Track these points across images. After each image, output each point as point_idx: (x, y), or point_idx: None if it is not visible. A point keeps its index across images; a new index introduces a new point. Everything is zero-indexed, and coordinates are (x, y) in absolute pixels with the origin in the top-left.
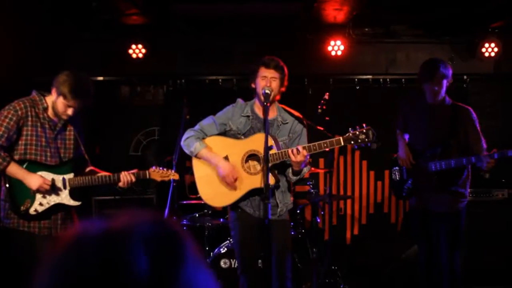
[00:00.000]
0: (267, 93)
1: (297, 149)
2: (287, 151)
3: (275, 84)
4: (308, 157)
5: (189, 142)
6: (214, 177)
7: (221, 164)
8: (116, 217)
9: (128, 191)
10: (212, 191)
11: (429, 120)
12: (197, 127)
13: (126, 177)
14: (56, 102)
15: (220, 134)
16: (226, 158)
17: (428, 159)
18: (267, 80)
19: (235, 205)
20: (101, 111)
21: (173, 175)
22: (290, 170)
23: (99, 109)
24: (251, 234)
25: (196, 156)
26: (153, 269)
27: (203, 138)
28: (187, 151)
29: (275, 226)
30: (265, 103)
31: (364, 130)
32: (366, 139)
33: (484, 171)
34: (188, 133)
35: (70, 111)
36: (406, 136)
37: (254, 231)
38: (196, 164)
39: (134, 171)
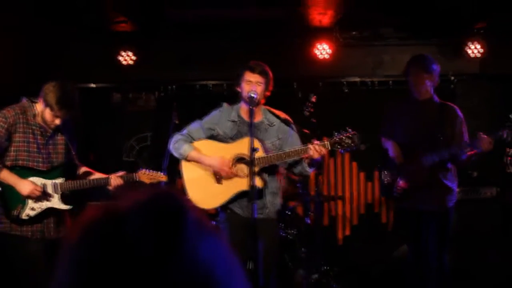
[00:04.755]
0: (252, 97)
1: (318, 145)
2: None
3: (260, 89)
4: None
5: (178, 145)
6: (203, 179)
7: (212, 161)
8: (117, 198)
9: None
10: (201, 193)
11: (418, 117)
12: (184, 131)
13: (115, 180)
14: (44, 112)
15: (207, 138)
16: None
17: (419, 154)
18: (252, 85)
19: (224, 207)
20: (94, 118)
21: (161, 177)
22: (303, 165)
23: (91, 116)
24: (241, 235)
25: (186, 159)
26: (157, 244)
27: (191, 142)
28: (176, 154)
29: (262, 225)
30: (250, 107)
31: (350, 135)
32: (352, 144)
33: (475, 154)
34: (176, 137)
35: (57, 121)
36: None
37: (243, 231)
38: (185, 167)
39: (122, 173)
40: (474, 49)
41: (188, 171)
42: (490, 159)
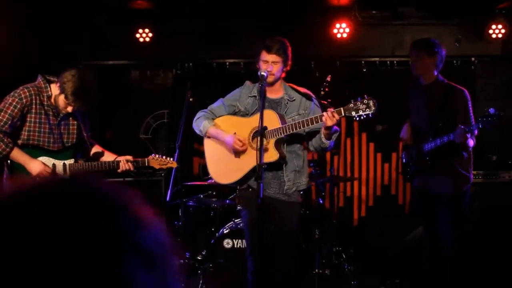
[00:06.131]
0: (262, 75)
1: (331, 112)
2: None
3: (277, 67)
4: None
5: (198, 122)
6: (222, 155)
7: (226, 137)
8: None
9: (138, 173)
10: (220, 169)
11: (423, 101)
12: (207, 109)
13: (125, 165)
14: (58, 98)
15: (229, 114)
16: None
17: (423, 139)
18: (269, 65)
19: (245, 184)
20: (111, 95)
21: (171, 163)
22: (321, 137)
23: (109, 93)
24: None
25: (205, 135)
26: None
27: (213, 119)
28: (197, 131)
29: (282, 207)
30: (260, 84)
31: (365, 101)
32: (367, 109)
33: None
34: (198, 114)
35: (69, 109)
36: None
37: (263, 210)
38: (206, 144)
39: (130, 157)
40: (496, 30)
41: (209, 148)
42: (509, 143)
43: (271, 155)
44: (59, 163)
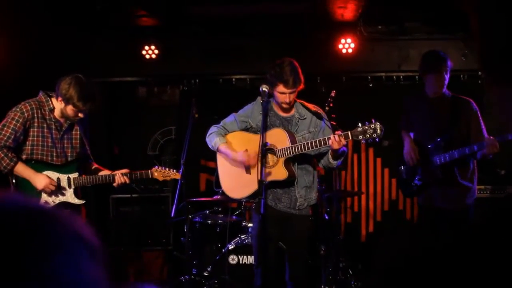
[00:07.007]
0: (264, 91)
1: (338, 136)
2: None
3: (293, 96)
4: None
5: (211, 138)
6: (235, 170)
7: (237, 155)
8: None
9: (145, 189)
10: (232, 183)
11: (431, 114)
12: (220, 124)
13: (120, 178)
14: (66, 110)
15: (242, 130)
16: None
17: (433, 153)
18: (286, 96)
19: (256, 198)
20: (119, 112)
21: (174, 175)
22: (328, 157)
23: (117, 110)
24: (273, 228)
25: (217, 150)
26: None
27: (225, 134)
28: (209, 146)
29: (294, 220)
30: (262, 100)
31: (373, 125)
32: (374, 134)
33: (487, 156)
34: (211, 129)
35: (81, 115)
36: (412, 134)
37: (275, 224)
38: (219, 159)
39: (126, 171)
40: None
41: (222, 162)
42: None
43: (280, 174)
44: (63, 177)
